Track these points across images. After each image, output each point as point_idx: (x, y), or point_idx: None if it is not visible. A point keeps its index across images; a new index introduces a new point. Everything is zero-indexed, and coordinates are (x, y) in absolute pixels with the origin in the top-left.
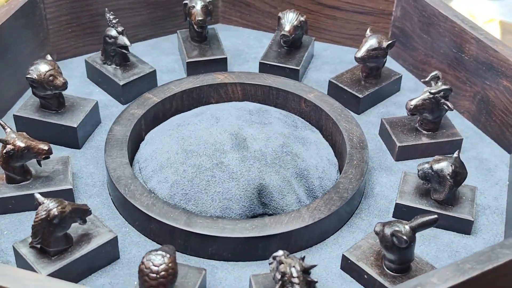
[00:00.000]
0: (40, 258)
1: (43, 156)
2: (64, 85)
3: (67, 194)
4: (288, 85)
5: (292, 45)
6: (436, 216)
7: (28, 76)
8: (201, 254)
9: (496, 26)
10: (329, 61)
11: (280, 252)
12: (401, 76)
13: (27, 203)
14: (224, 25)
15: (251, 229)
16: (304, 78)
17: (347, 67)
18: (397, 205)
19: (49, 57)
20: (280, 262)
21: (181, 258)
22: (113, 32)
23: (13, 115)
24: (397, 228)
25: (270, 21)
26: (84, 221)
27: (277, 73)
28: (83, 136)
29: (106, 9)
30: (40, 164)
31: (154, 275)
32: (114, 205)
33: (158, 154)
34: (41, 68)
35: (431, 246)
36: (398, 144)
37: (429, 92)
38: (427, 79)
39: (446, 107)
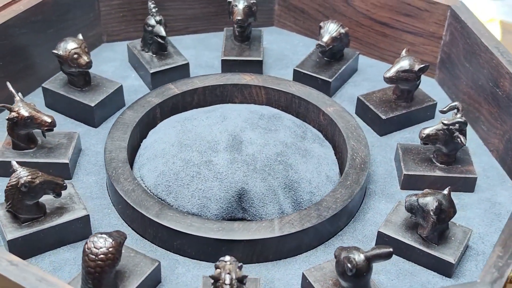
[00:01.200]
0: (11, 223)
1: (46, 128)
2: (88, 65)
3: (64, 168)
4: (311, 95)
5: (332, 56)
6: (390, 250)
7: (54, 51)
8: (168, 247)
9: (496, 26)
10: (371, 78)
11: (227, 258)
12: (436, 103)
13: None
14: (278, 28)
15: (216, 230)
16: (338, 91)
17: (386, 86)
18: (379, 233)
19: (80, 37)
20: (217, 267)
21: (149, 247)
22: (151, 21)
23: (42, 86)
24: (351, 255)
25: None
26: (58, 195)
27: (310, 83)
28: (102, 116)
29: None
30: (44, 135)
31: (93, 256)
32: (106, 186)
33: (157, 144)
34: (68, 45)
35: (405, 282)
36: (404, 172)
37: (443, 122)
38: (445, 109)
39: (459, 141)
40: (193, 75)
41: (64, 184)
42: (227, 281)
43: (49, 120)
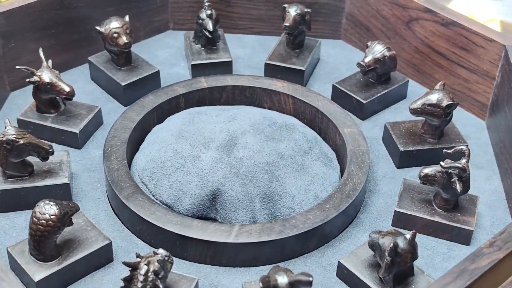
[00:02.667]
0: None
1: (64, 96)
2: (125, 46)
3: (73, 137)
4: (334, 113)
5: (377, 78)
6: (310, 279)
7: (97, 27)
8: (133, 230)
9: (496, 26)
10: None
11: (160, 250)
12: (467, 145)
13: (42, 133)
14: (344, 42)
15: (174, 224)
16: (376, 115)
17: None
18: (339, 264)
19: (126, 18)
20: (138, 256)
21: (119, 227)
22: (203, 14)
23: (88, 59)
24: (276, 276)
25: None
26: (44, 158)
27: (346, 101)
28: (132, 97)
29: None
30: (64, 104)
31: (36, 220)
32: None
33: (162, 131)
34: (111, 24)
35: None
36: (396, 209)
37: (441, 165)
38: (450, 151)
39: (456, 187)
40: (235, 73)
41: (50, 150)
42: (142, 272)
43: (67, 89)
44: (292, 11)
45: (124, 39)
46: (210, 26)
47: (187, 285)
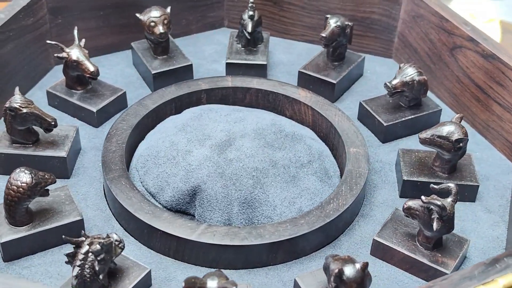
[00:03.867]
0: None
1: (88, 75)
2: (160, 35)
3: (91, 115)
4: (346, 130)
5: (407, 102)
6: None
7: (137, 14)
8: (113, 212)
9: (496, 26)
10: None
11: (113, 235)
12: (476, 186)
13: (66, 107)
14: (394, 62)
15: (145, 212)
16: (400, 140)
17: None
18: (295, 281)
19: (168, 10)
20: (83, 235)
21: (103, 207)
22: (245, 15)
23: (131, 44)
24: (208, 280)
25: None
26: (48, 130)
27: (370, 121)
28: (161, 86)
29: None
30: (89, 82)
31: (9, 185)
32: None
33: (169, 122)
34: (150, 13)
35: None
36: (374, 237)
37: (421, 199)
38: (436, 187)
39: (433, 224)
40: (272, 77)
41: (52, 123)
42: (82, 251)
43: (91, 69)
44: (332, 22)
45: (160, 28)
46: (249, 27)
47: (137, 273)
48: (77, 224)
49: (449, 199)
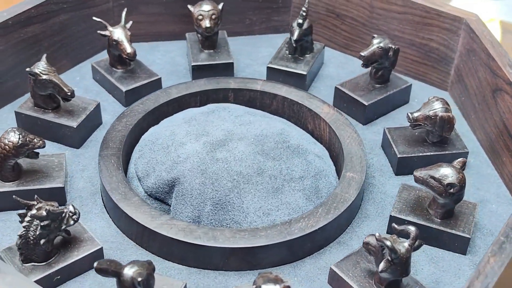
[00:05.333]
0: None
1: (125, 56)
2: (206, 29)
3: (120, 95)
4: (351, 155)
5: (430, 138)
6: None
7: (189, 5)
8: (100, 188)
9: (496, 26)
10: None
11: (70, 206)
12: (469, 239)
13: (105, 84)
14: (448, 96)
15: (118, 193)
16: (409, 175)
17: None
18: None
19: (219, 6)
20: (37, 200)
21: (96, 179)
22: (294, 23)
23: (186, 34)
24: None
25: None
26: (65, 99)
27: (389, 150)
28: (198, 78)
29: (307, 1)
30: (128, 64)
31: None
32: None
33: (184, 113)
34: (201, 6)
35: None
36: (330, 266)
37: (375, 237)
38: (398, 228)
39: (379, 264)
40: (313, 89)
41: (69, 93)
42: (29, 214)
43: (128, 50)
44: (375, 42)
45: (206, 23)
46: (295, 35)
47: (89, 247)
48: (58, 191)
49: (406, 243)
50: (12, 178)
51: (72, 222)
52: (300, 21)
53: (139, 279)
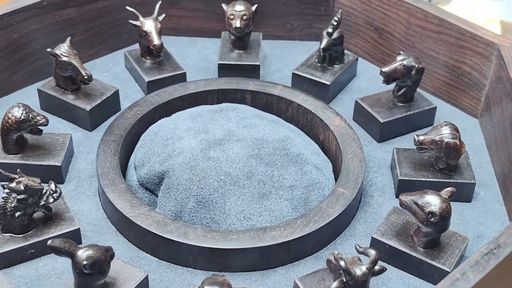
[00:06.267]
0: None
1: (152, 48)
2: (235, 30)
3: (143, 84)
4: (348, 170)
5: (437, 164)
6: None
7: (223, 4)
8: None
9: (496, 26)
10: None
11: (51, 184)
12: (448, 272)
13: (133, 73)
14: (476, 123)
15: (107, 178)
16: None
17: None
18: None
19: (253, 7)
20: (19, 174)
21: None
22: (324, 31)
23: (222, 32)
24: None
25: None
26: (82, 82)
27: (394, 172)
28: (223, 76)
29: (340, 10)
30: (155, 55)
31: (4, 114)
32: None
33: (195, 109)
34: (233, 6)
35: None
36: (295, 279)
37: (334, 254)
38: (359, 249)
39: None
40: (337, 100)
41: (86, 77)
42: (9, 186)
43: (155, 42)
44: (399, 59)
45: (236, 23)
46: (322, 43)
47: (67, 226)
48: (55, 169)
49: (364, 266)
50: (14, 151)
51: (51, 199)
52: (330, 30)
53: (85, 262)
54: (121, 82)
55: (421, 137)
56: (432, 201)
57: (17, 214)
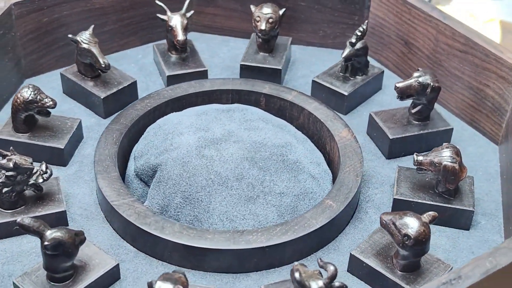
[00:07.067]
0: None
1: (176, 42)
2: (260, 32)
3: (165, 79)
4: (342, 184)
5: (437, 186)
6: None
7: (252, 6)
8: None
9: (496, 26)
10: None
11: (43, 165)
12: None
13: (157, 66)
14: (495, 149)
15: (101, 165)
16: None
17: None
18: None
19: (281, 11)
20: (12, 151)
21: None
22: (347, 41)
23: (252, 34)
24: None
25: None
26: (101, 71)
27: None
28: (245, 78)
29: (366, 21)
30: (179, 50)
31: (15, 94)
32: None
33: (205, 107)
34: (261, 8)
35: None
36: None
37: (294, 265)
38: (321, 262)
39: None
40: (355, 112)
41: (103, 65)
42: (1, 161)
43: (179, 37)
44: (415, 75)
45: (262, 25)
46: (344, 53)
47: (53, 207)
48: (57, 152)
49: (321, 281)
50: (23, 130)
51: (41, 180)
52: (353, 40)
53: (46, 243)
54: (145, 74)
55: (420, 158)
56: (410, 223)
57: (5, 190)
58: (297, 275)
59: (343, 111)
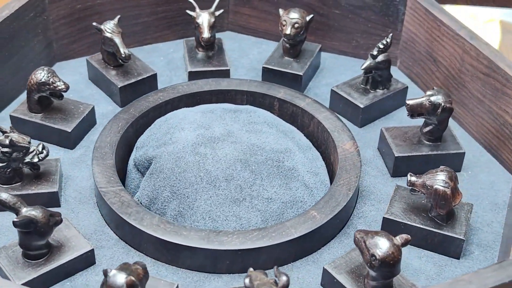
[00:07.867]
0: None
1: (200, 40)
2: (285, 36)
3: (184, 74)
4: (334, 196)
5: (430, 211)
6: None
7: (280, 9)
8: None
9: (496, 26)
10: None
11: (40, 145)
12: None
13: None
14: (509, 178)
15: (100, 151)
16: None
17: None
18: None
19: (308, 17)
20: (12, 128)
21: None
22: (377, 47)
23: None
24: None
25: None
26: (122, 60)
27: None
28: (268, 80)
29: (391, 34)
30: (203, 46)
31: (30, 76)
32: None
33: (215, 105)
34: (288, 13)
35: None
36: None
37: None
38: (276, 271)
39: None
40: (371, 126)
41: (123, 55)
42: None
43: (204, 35)
44: (427, 94)
45: (287, 30)
46: (364, 64)
47: (46, 187)
48: (65, 134)
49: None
50: (36, 110)
51: (36, 159)
52: (375, 52)
53: (16, 219)
54: (171, 68)
55: (413, 178)
56: (380, 244)
57: (0, 165)
58: (247, 281)
59: (358, 123)
